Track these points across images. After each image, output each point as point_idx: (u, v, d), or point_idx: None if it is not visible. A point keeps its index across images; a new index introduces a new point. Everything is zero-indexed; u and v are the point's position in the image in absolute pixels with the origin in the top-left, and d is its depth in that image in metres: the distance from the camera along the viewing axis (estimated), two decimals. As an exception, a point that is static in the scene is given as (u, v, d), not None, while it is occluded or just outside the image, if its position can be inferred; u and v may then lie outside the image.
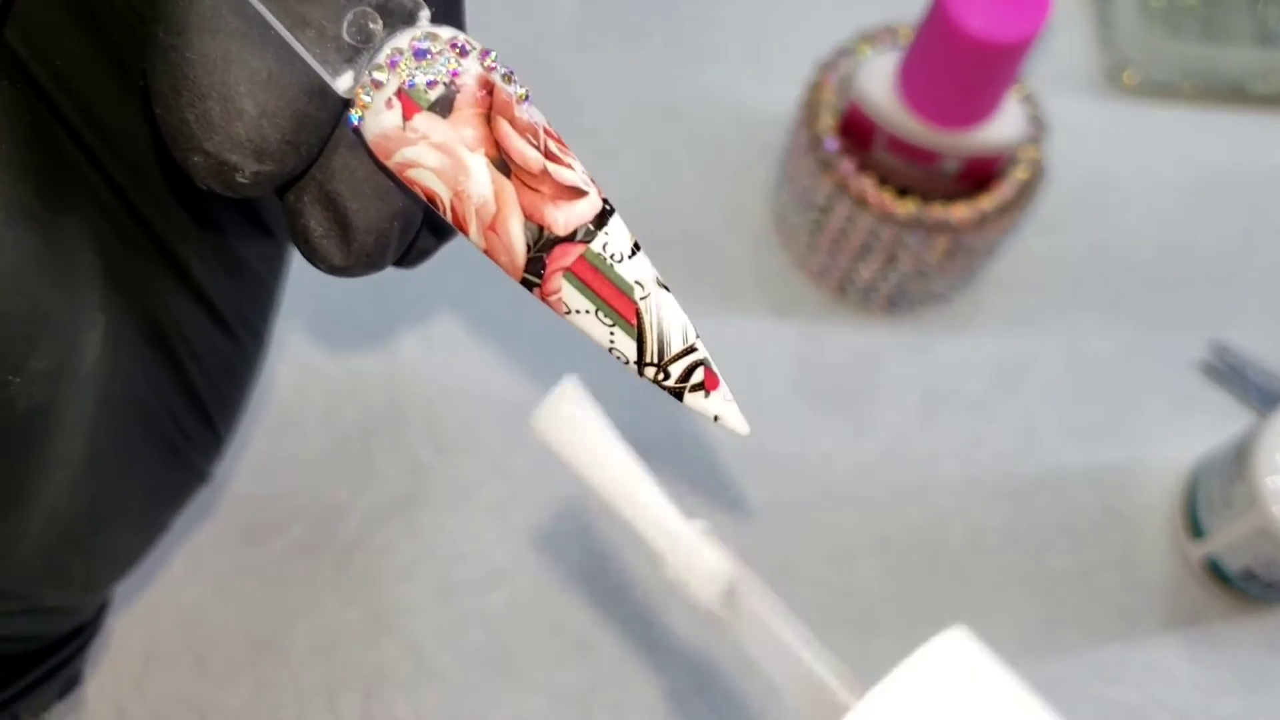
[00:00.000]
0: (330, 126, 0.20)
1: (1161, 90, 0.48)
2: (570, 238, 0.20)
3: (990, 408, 0.42)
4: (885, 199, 0.39)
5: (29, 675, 0.28)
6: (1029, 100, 0.40)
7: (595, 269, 0.20)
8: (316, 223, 0.21)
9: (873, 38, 0.40)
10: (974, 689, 0.17)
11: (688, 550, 0.18)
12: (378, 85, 0.20)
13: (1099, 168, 0.47)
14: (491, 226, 0.20)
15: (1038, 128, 0.39)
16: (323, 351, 0.41)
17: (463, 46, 0.20)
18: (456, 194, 0.20)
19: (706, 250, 0.44)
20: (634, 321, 0.20)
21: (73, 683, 0.30)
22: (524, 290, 0.21)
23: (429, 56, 0.20)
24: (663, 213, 0.44)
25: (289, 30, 0.19)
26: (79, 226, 0.23)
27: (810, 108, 0.40)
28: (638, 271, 0.20)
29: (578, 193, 0.20)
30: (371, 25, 0.20)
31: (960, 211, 0.38)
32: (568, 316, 0.20)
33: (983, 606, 0.39)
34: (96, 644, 0.31)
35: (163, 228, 0.25)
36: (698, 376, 0.21)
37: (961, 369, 0.43)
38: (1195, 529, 0.40)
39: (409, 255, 0.24)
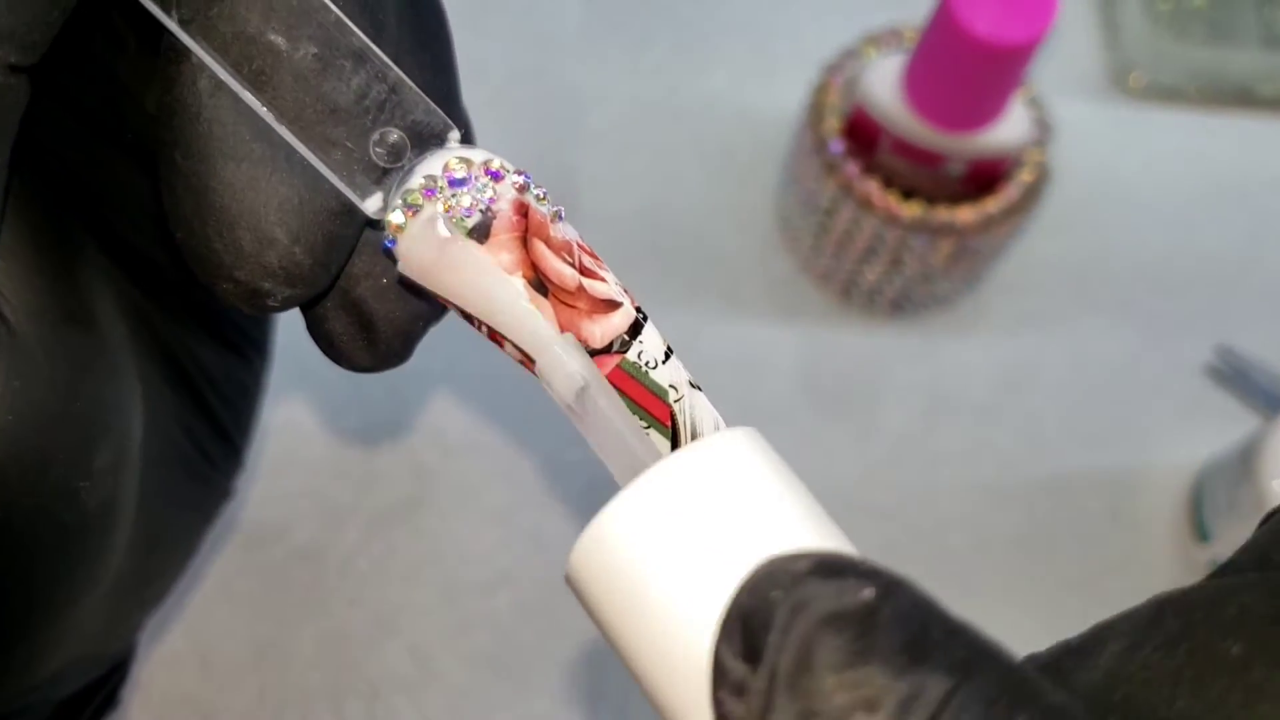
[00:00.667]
0: (355, 241, 0.20)
1: (1167, 93, 0.48)
2: (606, 349, 0.20)
3: (995, 411, 0.42)
4: (890, 201, 0.38)
5: (85, 710, 0.28)
6: (1034, 103, 0.39)
7: (631, 377, 0.20)
8: (341, 328, 0.21)
9: (878, 40, 0.40)
10: (751, 480, 0.18)
11: (553, 354, 0.20)
12: (413, 211, 0.20)
13: (1105, 171, 0.47)
14: None
15: (1043, 130, 0.39)
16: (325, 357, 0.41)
17: (496, 172, 0.20)
18: (495, 315, 0.20)
19: (711, 253, 0.44)
20: (668, 424, 0.20)
21: (114, 708, 0.30)
22: None
23: (465, 184, 0.20)
24: (668, 216, 0.44)
25: (316, 153, 0.19)
26: (106, 304, 0.23)
27: (815, 110, 0.40)
28: (671, 375, 0.20)
29: (612, 305, 0.20)
30: (400, 145, 0.20)
31: (965, 214, 0.38)
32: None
33: (987, 610, 0.39)
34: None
35: (174, 272, 0.25)
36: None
37: (967, 372, 0.43)
38: (1201, 532, 0.39)
39: None
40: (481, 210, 0.20)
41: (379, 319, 0.21)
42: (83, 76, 0.23)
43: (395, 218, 0.20)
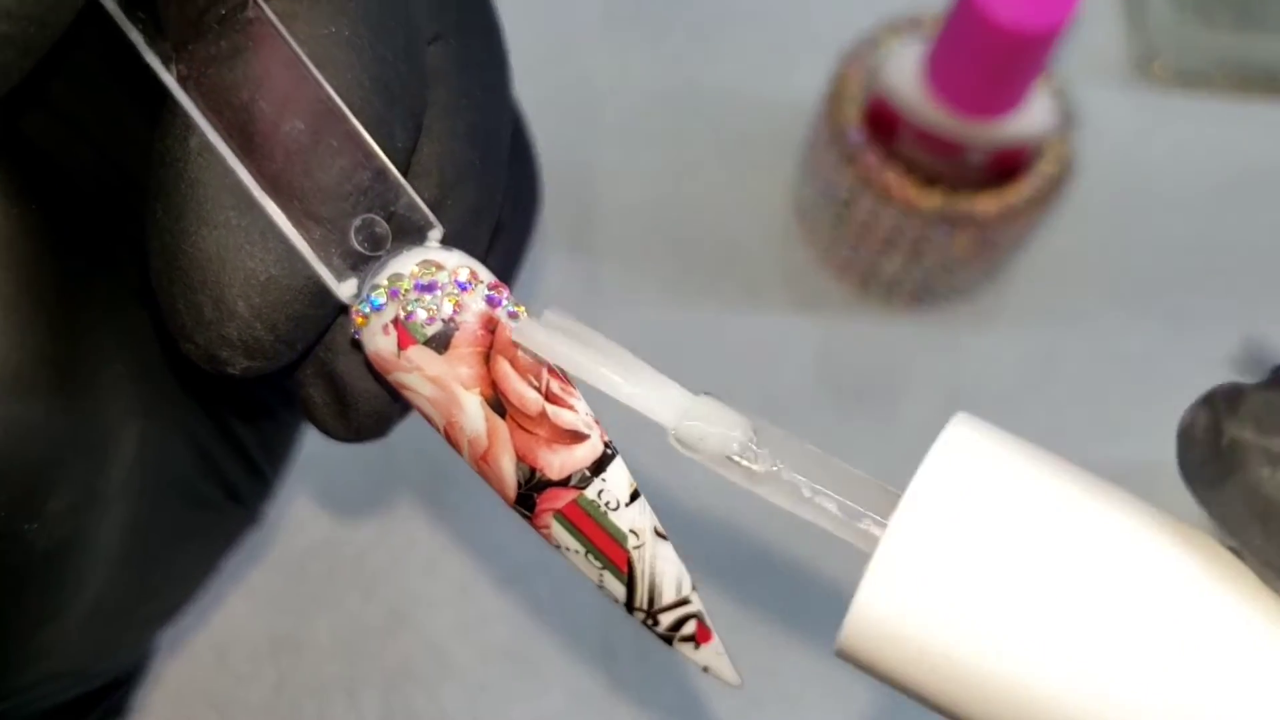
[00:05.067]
0: (330, 320, 0.20)
1: (1193, 80, 0.47)
2: (564, 482, 0.19)
3: (1016, 404, 0.42)
4: (910, 192, 0.38)
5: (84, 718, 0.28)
6: (1057, 91, 0.39)
7: (587, 515, 0.19)
8: (318, 395, 0.21)
9: (898, 28, 0.40)
10: (996, 484, 0.17)
11: (698, 417, 0.19)
12: (375, 310, 0.19)
13: (1128, 160, 0.46)
14: (483, 458, 0.19)
15: (1066, 119, 0.39)
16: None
17: (464, 283, 0.19)
18: (449, 423, 0.19)
19: (729, 244, 0.44)
20: (625, 570, 0.20)
21: (116, 714, 0.30)
22: None
23: (431, 290, 0.19)
24: (685, 207, 0.44)
25: (295, 230, 0.19)
26: (107, 335, 0.23)
27: (834, 99, 0.39)
28: (633, 520, 0.19)
29: (577, 437, 0.19)
30: (380, 234, 0.19)
31: (986, 204, 0.38)
32: (557, 550, 0.20)
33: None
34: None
35: None
36: (689, 629, 0.20)
37: (987, 364, 0.42)
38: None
39: None
40: (444, 320, 0.19)
41: (355, 395, 0.21)
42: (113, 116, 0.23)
43: (362, 310, 0.19)
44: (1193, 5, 0.47)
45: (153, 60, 0.18)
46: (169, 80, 0.18)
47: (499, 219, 0.23)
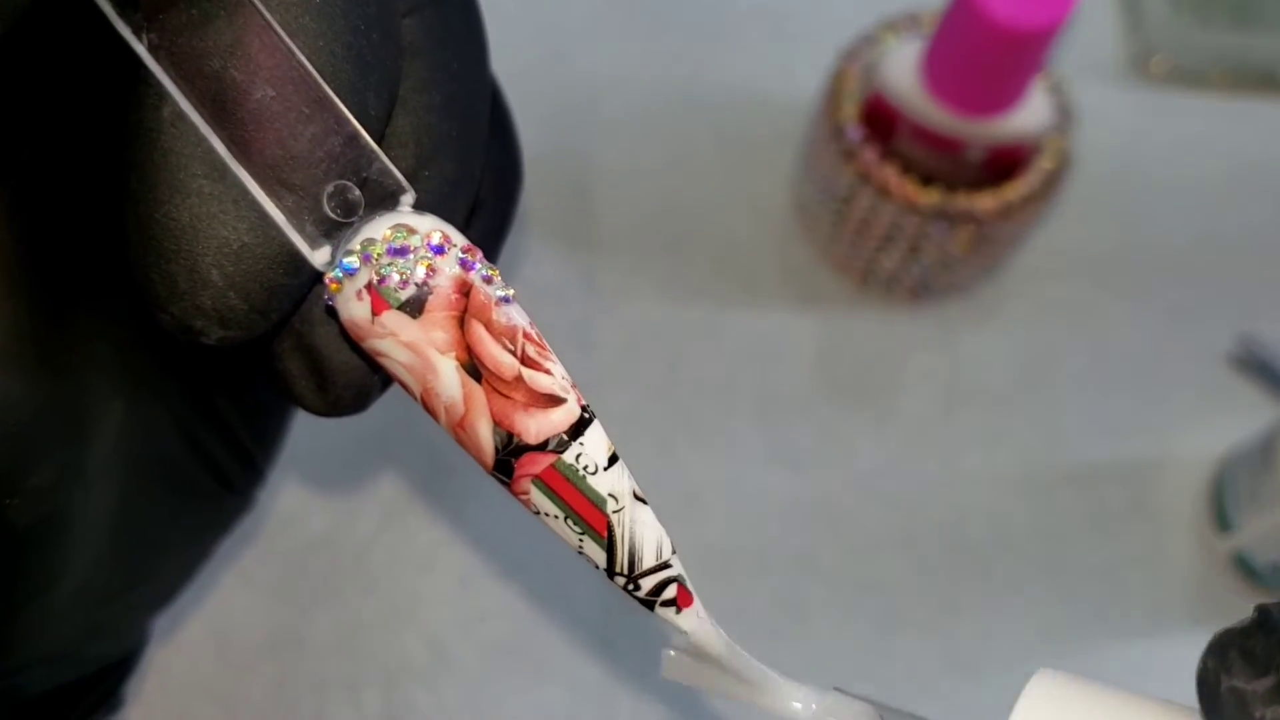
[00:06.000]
0: (306, 289, 0.20)
1: (1190, 78, 0.47)
2: (541, 446, 0.19)
3: (1015, 400, 0.42)
4: (908, 189, 0.38)
5: (77, 708, 0.28)
6: (1055, 88, 0.39)
7: (566, 479, 0.19)
8: (295, 369, 0.21)
9: (896, 25, 0.40)
10: None
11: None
12: (348, 274, 0.19)
13: (1126, 157, 0.46)
14: (460, 425, 0.19)
15: (1064, 116, 0.39)
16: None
17: (438, 246, 0.19)
18: (425, 390, 0.19)
19: (728, 241, 0.44)
20: (604, 534, 0.20)
21: (115, 707, 0.30)
22: None
23: (404, 254, 0.19)
24: (684, 203, 0.44)
25: (268, 196, 0.19)
26: (90, 316, 0.22)
27: (833, 96, 0.40)
28: (612, 484, 0.19)
29: (553, 400, 0.19)
30: (353, 200, 0.19)
31: (985, 201, 0.38)
32: (536, 516, 0.20)
33: (1006, 602, 0.39)
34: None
35: None
36: (670, 593, 0.20)
37: (986, 361, 0.42)
38: (1223, 522, 0.39)
39: None
40: (417, 284, 0.19)
41: (332, 367, 0.21)
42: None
43: (335, 275, 0.19)
44: (1190, 3, 0.47)
45: (124, 30, 0.18)
46: (140, 49, 0.18)
47: (478, 195, 0.23)
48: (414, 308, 0.19)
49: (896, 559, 0.39)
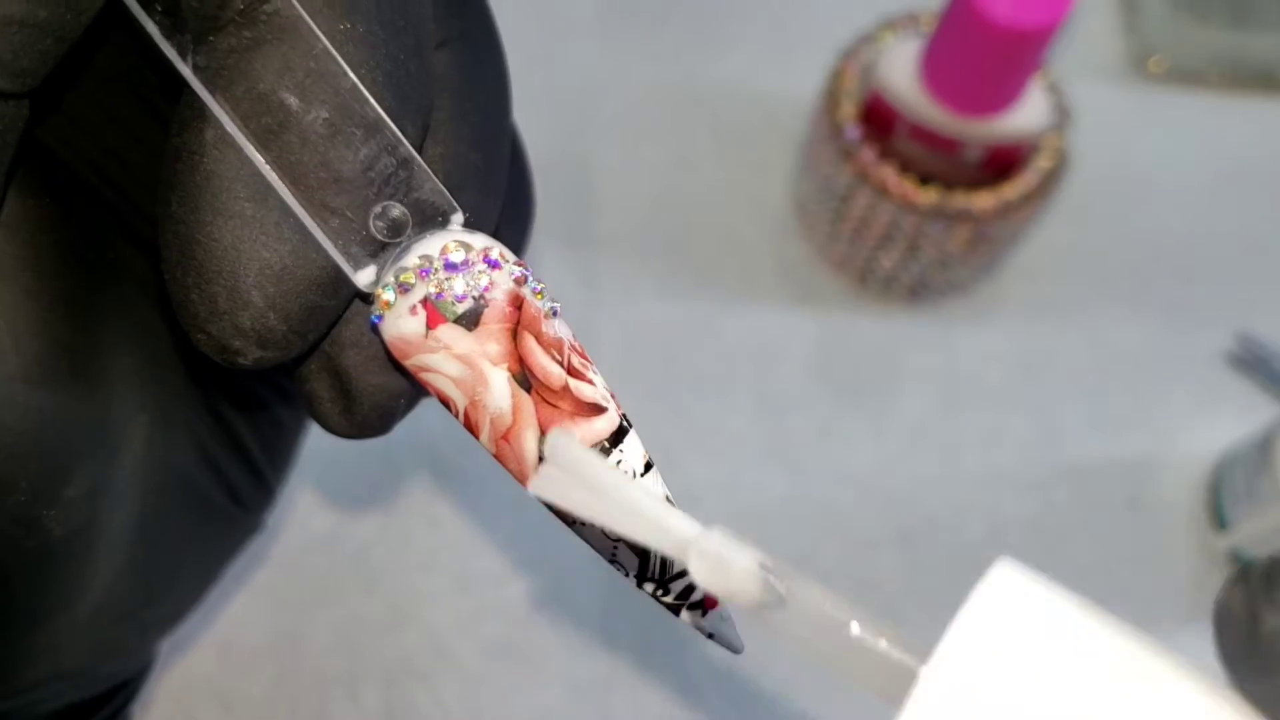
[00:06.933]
0: (342, 311, 0.20)
1: (1188, 77, 0.47)
2: None
3: (1012, 398, 0.42)
4: (907, 188, 0.38)
5: None
6: (1053, 88, 0.39)
7: None
8: (322, 390, 0.21)
9: (895, 25, 0.40)
10: (1046, 629, 0.16)
11: (715, 558, 0.18)
12: (404, 290, 0.19)
13: (1124, 156, 0.46)
14: (505, 437, 0.20)
15: (1062, 116, 0.39)
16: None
17: (494, 260, 0.20)
18: (472, 403, 0.20)
19: (727, 239, 0.44)
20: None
21: None
22: None
23: (460, 269, 0.19)
24: (684, 202, 0.44)
25: (313, 218, 0.19)
26: (118, 329, 0.23)
27: (831, 95, 0.40)
28: (649, 490, 0.20)
29: (596, 409, 0.20)
30: (401, 221, 0.19)
31: (983, 200, 0.38)
32: (570, 526, 0.20)
33: (1004, 598, 0.39)
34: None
35: None
36: (697, 596, 0.20)
37: (984, 359, 0.43)
38: (1220, 521, 0.39)
39: None
40: (474, 297, 0.19)
41: (360, 390, 0.21)
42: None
43: (386, 294, 0.19)
44: (1187, 3, 0.48)
45: (170, 51, 0.18)
46: (186, 71, 0.18)
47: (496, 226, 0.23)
48: (470, 320, 0.19)
49: (893, 556, 0.39)
